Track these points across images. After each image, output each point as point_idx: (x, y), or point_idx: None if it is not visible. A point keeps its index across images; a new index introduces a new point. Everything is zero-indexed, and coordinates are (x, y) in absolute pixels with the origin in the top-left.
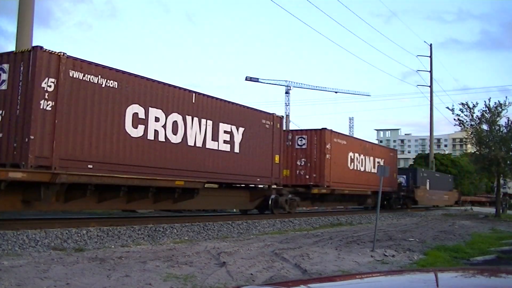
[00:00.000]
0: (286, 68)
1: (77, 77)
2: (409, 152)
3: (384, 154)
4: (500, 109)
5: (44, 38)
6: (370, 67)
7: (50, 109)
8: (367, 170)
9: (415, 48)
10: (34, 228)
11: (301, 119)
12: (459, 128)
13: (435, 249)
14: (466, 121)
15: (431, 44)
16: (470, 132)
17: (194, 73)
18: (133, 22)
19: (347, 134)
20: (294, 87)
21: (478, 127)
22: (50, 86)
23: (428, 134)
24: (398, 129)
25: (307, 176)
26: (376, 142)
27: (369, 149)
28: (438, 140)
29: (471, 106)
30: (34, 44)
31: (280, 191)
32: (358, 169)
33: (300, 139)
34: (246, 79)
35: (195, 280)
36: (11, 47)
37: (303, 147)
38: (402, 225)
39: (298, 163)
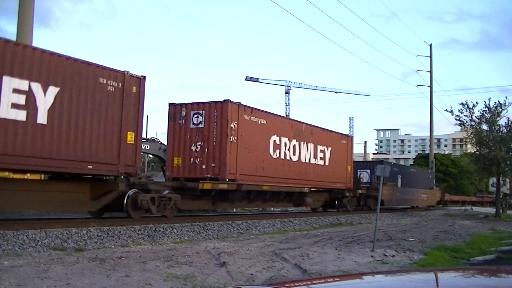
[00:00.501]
0: (286, 68)
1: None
2: (409, 152)
3: (331, 140)
4: (500, 109)
5: (44, 38)
6: (370, 67)
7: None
8: (303, 160)
9: (415, 48)
10: (34, 228)
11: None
12: (459, 128)
13: (435, 249)
14: (466, 121)
15: (431, 44)
16: (470, 132)
17: (194, 73)
18: (133, 22)
19: (271, 112)
20: (294, 87)
21: (478, 127)
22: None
23: (428, 134)
24: (398, 129)
25: (204, 167)
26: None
27: (307, 133)
28: (438, 140)
29: (471, 106)
30: (34, 44)
31: (146, 186)
32: (288, 158)
33: (196, 115)
34: (246, 79)
35: (195, 280)
36: None
37: (200, 126)
38: (402, 225)
39: (193, 148)
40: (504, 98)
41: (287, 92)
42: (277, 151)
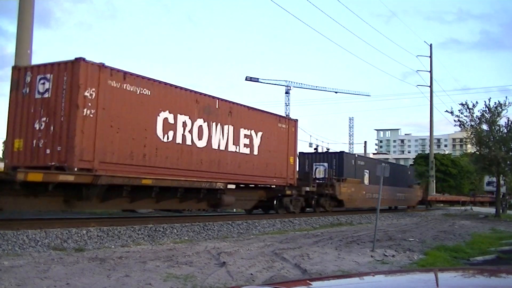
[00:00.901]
0: (286, 68)
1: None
2: (409, 152)
3: (262, 123)
4: (500, 109)
5: (45, 38)
6: (370, 67)
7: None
8: (216, 147)
9: (415, 48)
10: (34, 228)
11: (301, 119)
12: (459, 128)
13: (435, 249)
14: (466, 121)
15: (431, 44)
16: (470, 132)
17: (194, 73)
18: (133, 22)
19: (162, 81)
20: (294, 87)
21: (478, 127)
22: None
23: (428, 134)
24: (398, 129)
25: (48, 151)
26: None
27: (222, 112)
28: (438, 140)
29: (470, 106)
30: (34, 44)
31: None
32: (189, 143)
33: (42, 81)
34: (246, 79)
35: (195, 280)
36: (11, 47)
37: (46, 96)
38: (402, 225)
39: (37, 126)
40: (504, 98)
41: (287, 92)
42: (170, 133)
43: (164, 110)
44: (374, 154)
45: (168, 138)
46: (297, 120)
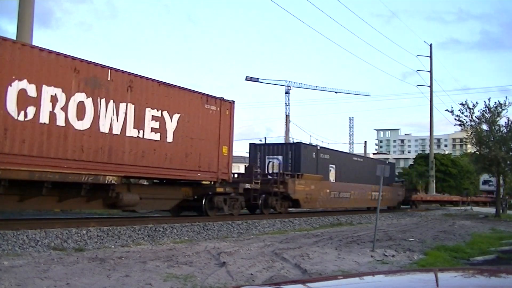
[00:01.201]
0: (286, 68)
1: None
2: (409, 152)
3: (180, 103)
4: (500, 109)
5: (45, 38)
6: (370, 67)
7: None
8: (106, 130)
9: (415, 48)
10: (34, 228)
11: (301, 119)
12: (459, 128)
13: (435, 249)
14: (466, 121)
15: (431, 44)
16: (470, 132)
17: (194, 73)
18: (134, 22)
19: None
20: (294, 87)
21: (478, 127)
22: None
23: (428, 134)
24: (398, 129)
25: None
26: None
27: (117, 86)
28: (438, 140)
29: (471, 106)
30: (34, 43)
31: None
32: (63, 124)
33: None
34: (246, 79)
35: (195, 280)
36: None
37: None
38: (402, 225)
39: None
40: (504, 98)
41: (287, 92)
42: (30, 109)
43: (20, 79)
44: (374, 154)
45: (26, 116)
46: (233, 101)
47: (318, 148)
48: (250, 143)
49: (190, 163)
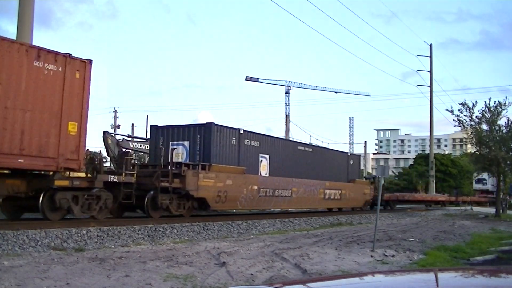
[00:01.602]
0: (286, 68)
1: None
2: (409, 152)
3: None
4: (500, 109)
5: (45, 38)
6: (370, 67)
7: None
8: None
9: (415, 48)
10: (34, 228)
11: (301, 119)
12: (459, 128)
13: (435, 249)
14: (466, 121)
15: (431, 44)
16: (470, 132)
17: (194, 73)
18: (134, 22)
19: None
20: (294, 87)
21: (478, 127)
22: None
23: (428, 134)
24: (398, 129)
25: None
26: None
27: None
28: (438, 140)
29: (470, 106)
30: (34, 43)
31: None
32: None
33: None
34: (246, 79)
35: (195, 280)
36: None
37: None
38: (402, 225)
39: None
40: (504, 98)
41: (287, 92)
42: None
43: None
44: (374, 154)
45: None
46: (89, 60)
47: (241, 132)
48: (151, 125)
49: (4, 143)
